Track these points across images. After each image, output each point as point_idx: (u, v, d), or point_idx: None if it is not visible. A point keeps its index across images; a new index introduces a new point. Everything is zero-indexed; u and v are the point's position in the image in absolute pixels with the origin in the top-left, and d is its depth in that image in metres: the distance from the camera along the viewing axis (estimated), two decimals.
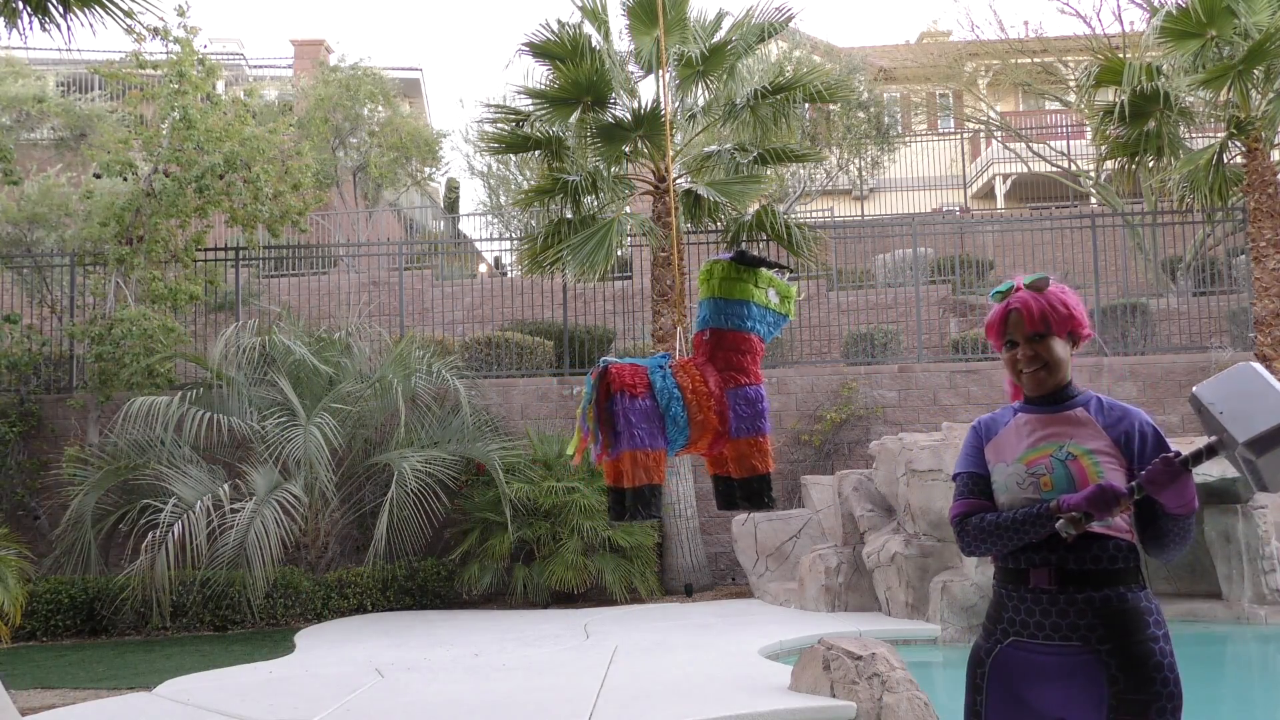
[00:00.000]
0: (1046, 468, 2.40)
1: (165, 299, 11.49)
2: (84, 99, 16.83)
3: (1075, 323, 2.47)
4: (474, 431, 10.88)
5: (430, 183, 22.45)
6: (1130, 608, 2.32)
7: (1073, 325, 2.46)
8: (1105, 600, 2.32)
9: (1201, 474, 8.18)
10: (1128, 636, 2.30)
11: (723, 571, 11.33)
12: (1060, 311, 2.44)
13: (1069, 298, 2.48)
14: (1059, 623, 2.35)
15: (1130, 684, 2.27)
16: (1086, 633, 2.32)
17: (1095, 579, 2.34)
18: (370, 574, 9.87)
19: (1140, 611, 2.32)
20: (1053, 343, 2.45)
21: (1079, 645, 2.33)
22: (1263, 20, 10.30)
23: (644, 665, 6.71)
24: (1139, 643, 2.29)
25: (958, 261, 15.24)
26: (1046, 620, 2.37)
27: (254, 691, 6.32)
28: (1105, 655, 2.30)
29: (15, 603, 7.32)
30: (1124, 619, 2.31)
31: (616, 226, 10.48)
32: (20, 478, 11.35)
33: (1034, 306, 2.45)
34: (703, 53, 10.69)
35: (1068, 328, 2.46)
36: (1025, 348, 2.47)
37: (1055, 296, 2.46)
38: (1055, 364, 2.45)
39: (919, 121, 24.04)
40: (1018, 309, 2.47)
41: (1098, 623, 2.32)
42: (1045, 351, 2.45)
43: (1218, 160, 11.11)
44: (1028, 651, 2.39)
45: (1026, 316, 2.45)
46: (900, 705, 5.10)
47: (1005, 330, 2.50)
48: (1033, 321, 2.44)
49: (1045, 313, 2.44)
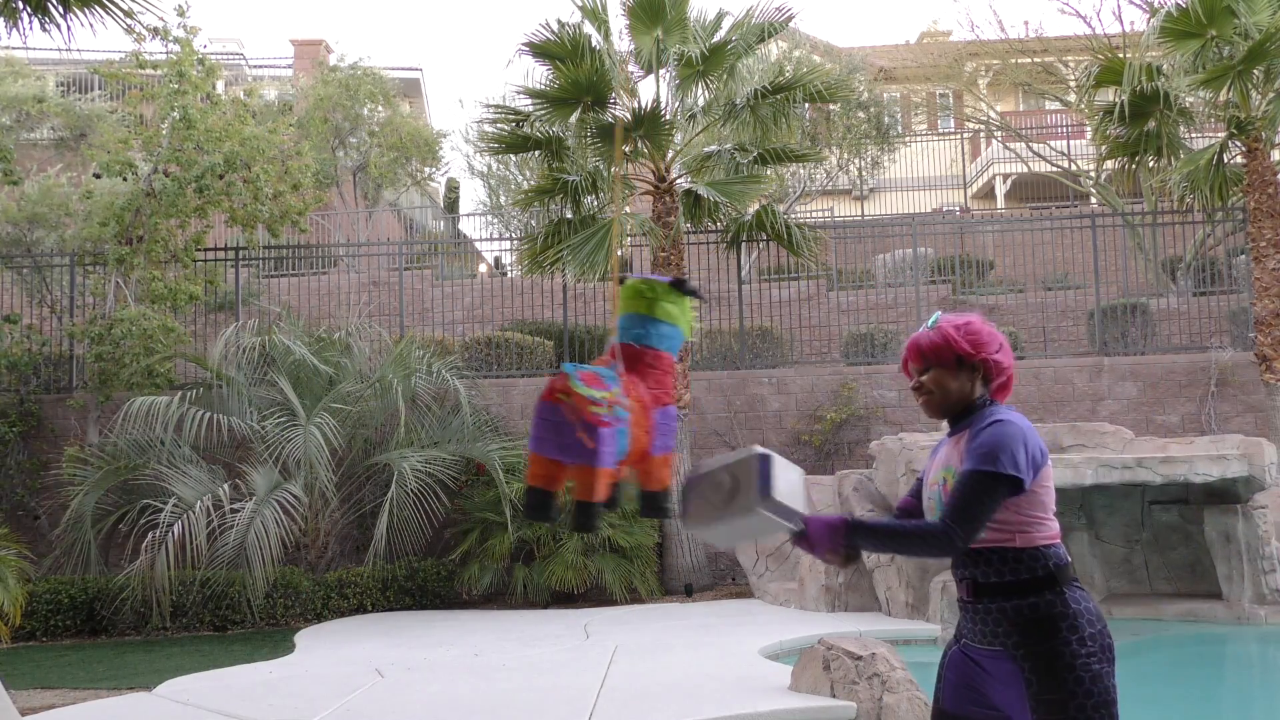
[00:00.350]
0: (935, 494, 2.59)
1: (165, 299, 11.49)
2: (84, 99, 16.83)
3: (954, 349, 2.59)
4: (474, 431, 10.87)
5: (430, 183, 22.45)
6: (1043, 614, 2.44)
7: (955, 352, 2.59)
8: (1017, 609, 2.46)
9: (1202, 474, 8.19)
10: (1039, 641, 2.43)
11: (723, 571, 11.33)
12: (935, 343, 2.61)
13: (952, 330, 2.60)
14: (982, 630, 2.53)
15: (1042, 685, 2.40)
16: (1004, 639, 2.48)
17: (1005, 589, 2.49)
18: (370, 574, 9.87)
19: (1054, 617, 2.44)
20: (936, 373, 2.62)
21: (1000, 650, 2.49)
22: (1263, 20, 10.30)
23: (644, 665, 6.71)
24: (1050, 646, 2.42)
25: (958, 261, 15.24)
26: (975, 627, 2.56)
27: (254, 691, 6.32)
28: (1020, 659, 2.45)
29: (15, 603, 7.32)
30: (1035, 625, 2.44)
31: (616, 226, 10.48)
32: (20, 478, 11.35)
33: (914, 342, 2.66)
34: (703, 53, 10.69)
35: (947, 356, 2.60)
36: (914, 380, 2.68)
37: (939, 330, 2.62)
38: (940, 391, 2.62)
39: (919, 121, 24.03)
40: (907, 350, 2.69)
41: (1011, 629, 2.47)
42: (930, 381, 2.64)
43: (1218, 160, 11.11)
44: (972, 654, 2.58)
45: (910, 352, 2.67)
46: (900, 705, 5.10)
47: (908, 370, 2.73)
48: (913, 355, 2.66)
49: (921, 346, 2.63)
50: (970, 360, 2.60)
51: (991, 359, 2.61)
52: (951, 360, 2.60)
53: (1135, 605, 8.76)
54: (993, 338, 2.63)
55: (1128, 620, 8.50)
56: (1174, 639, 8.02)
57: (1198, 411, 11.55)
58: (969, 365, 2.61)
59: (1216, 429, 11.28)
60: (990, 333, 2.64)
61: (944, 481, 2.55)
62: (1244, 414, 11.45)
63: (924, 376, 2.65)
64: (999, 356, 2.62)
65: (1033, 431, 2.52)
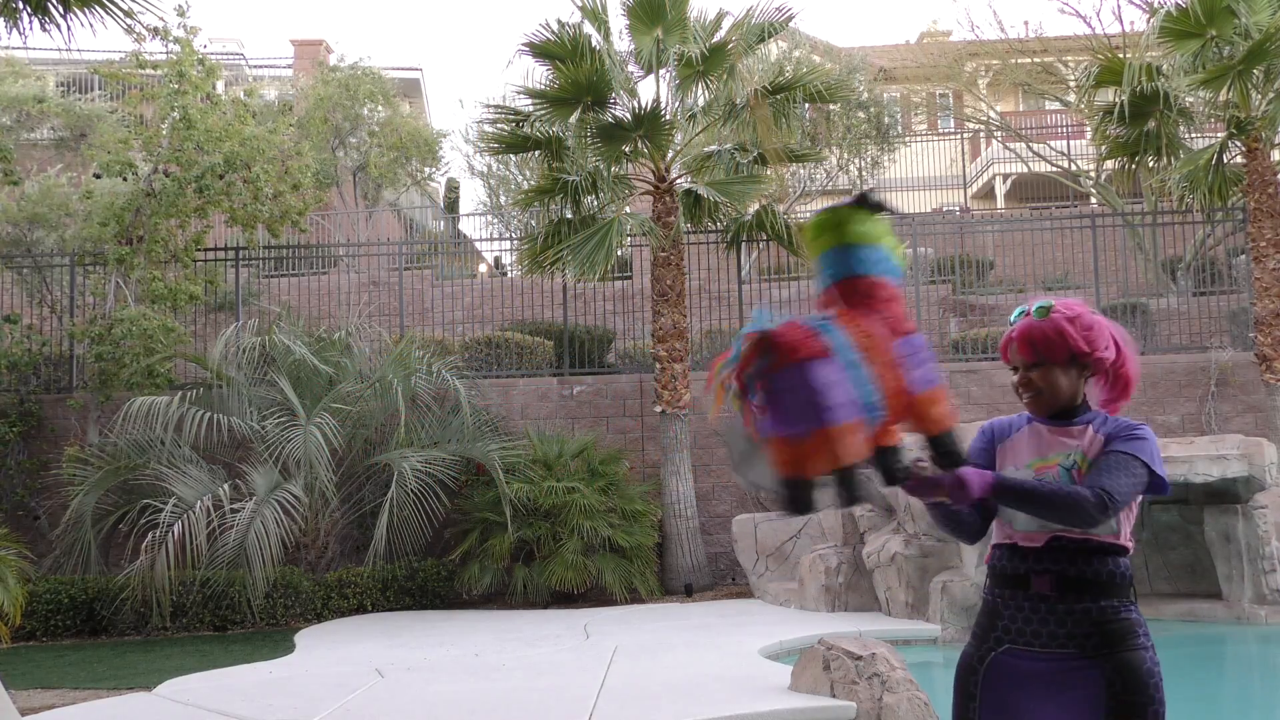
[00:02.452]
0: (1053, 478, 2.46)
1: (165, 299, 11.49)
2: (84, 99, 16.82)
3: (1071, 350, 2.47)
4: (474, 431, 10.87)
5: (430, 183, 22.44)
6: (1124, 619, 2.40)
7: (1069, 352, 2.47)
8: (1101, 611, 2.40)
9: (1202, 474, 8.18)
10: (1124, 646, 2.38)
11: (723, 571, 11.33)
12: (1052, 340, 2.47)
13: (1069, 326, 2.47)
14: (1056, 631, 2.41)
15: (1126, 688, 2.35)
16: (1083, 640, 2.39)
17: (1093, 589, 2.41)
18: (370, 574, 9.87)
19: (1133, 623, 2.41)
20: (1048, 370, 2.49)
21: (1075, 652, 2.40)
22: (1263, 20, 10.30)
23: (644, 665, 6.71)
24: (1132, 650, 2.38)
25: (958, 261, 15.24)
26: (1044, 628, 2.43)
27: (254, 691, 6.32)
28: (1103, 662, 2.38)
29: (15, 603, 7.32)
30: (1119, 629, 2.39)
31: (616, 226, 10.49)
32: (20, 478, 11.35)
33: (1029, 336, 2.49)
34: (703, 53, 10.69)
35: (1062, 355, 2.48)
36: (1022, 374, 2.54)
37: (1053, 324, 2.48)
38: (1050, 390, 2.50)
39: (919, 121, 24.02)
40: (1015, 339, 2.53)
41: (1094, 631, 2.39)
42: (1040, 378, 2.50)
43: (1218, 160, 11.11)
44: (1021, 659, 2.45)
45: (1021, 345, 2.51)
46: (900, 705, 5.10)
47: (1009, 357, 2.58)
48: (1026, 351, 2.50)
49: (1036, 343, 2.48)
50: (1084, 358, 2.49)
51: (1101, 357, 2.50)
52: (1065, 356, 2.48)
53: None
54: (1104, 333, 2.51)
55: None
56: (1174, 639, 8.01)
57: (1198, 411, 11.55)
58: (1080, 363, 2.50)
59: (1216, 429, 11.28)
60: (1102, 327, 2.51)
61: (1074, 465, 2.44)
62: (1244, 414, 11.45)
63: (1032, 372, 2.51)
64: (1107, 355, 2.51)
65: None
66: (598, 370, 12.59)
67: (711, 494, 11.65)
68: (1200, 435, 10.42)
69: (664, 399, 10.86)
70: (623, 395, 11.96)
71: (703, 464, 11.62)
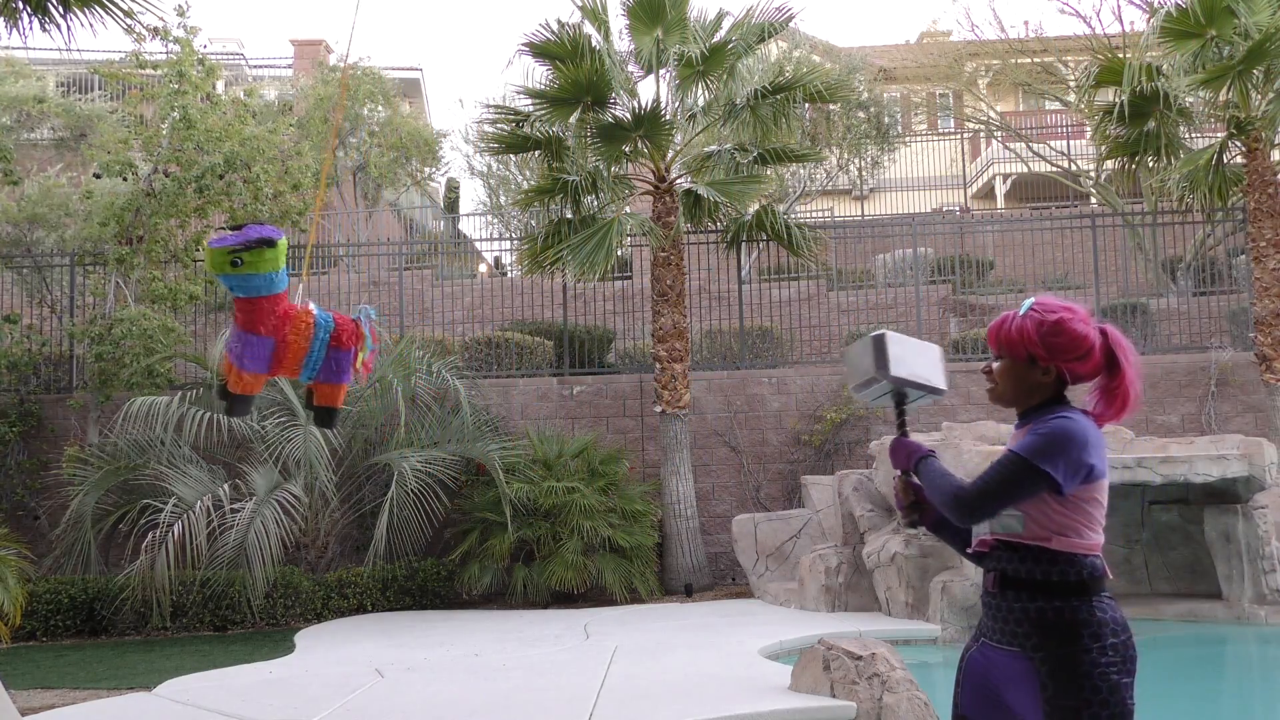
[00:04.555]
0: None
1: (165, 299, 11.49)
2: (84, 99, 16.81)
3: (1025, 347, 2.49)
4: (474, 431, 10.87)
5: (430, 183, 22.44)
6: (1066, 619, 2.38)
7: (1026, 349, 2.49)
8: (1040, 611, 2.40)
9: (1202, 474, 8.19)
10: (1059, 645, 2.37)
11: (723, 571, 11.33)
12: (1012, 338, 2.51)
13: (1031, 328, 2.48)
14: (1002, 628, 2.48)
15: (1058, 690, 2.35)
16: (1023, 639, 2.42)
17: (1031, 587, 2.42)
18: (370, 574, 9.87)
19: (1078, 623, 2.37)
20: (1006, 364, 2.55)
21: (1018, 650, 2.43)
22: (1263, 20, 10.30)
23: (644, 665, 6.71)
24: (1070, 651, 2.36)
25: (958, 261, 15.24)
26: (995, 625, 2.50)
27: (254, 691, 6.32)
28: (1038, 662, 2.39)
29: (15, 603, 7.32)
30: (1057, 629, 2.38)
31: (616, 226, 10.49)
32: (20, 478, 11.35)
33: (997, 328, 2.56)
34: (703, 53, 10.69)
35: (1020, 353, 2.51)
36: (987, 364, 2.62)
37: (1018, 323, 2.51)
38: (1004, 384, 2.55)
39: (919, 121, 24.02)
40: (990, 327, 2.59)
41: (1032, 630, 2.41)
42: (997, 372, 2.57)
43: (1218, 160, 11.11)
44: (989, 652, 2.52)
45: (989, 335, 2.60)
46: (900, 705, 5.10)
47: None
48: (990, 341, 2.59)
49: (1000, 336, 2.54)
50: (1043, 363, 2.49)
51: (1067, 367, 2.48)
52: (1024, 356, 2.50)
53: (1135, 605, 8.76)
54: (1078, 344, 2.46)
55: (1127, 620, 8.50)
56: (1174, 639, 8.02)
57: (1198, 411, 11.55)
58: (1041, 366, 2.50)
59: (1216, 429, 11.28)
60: (1078, 337, 2.46)
61: None
62: (1244, 414, 11.45)
63: (996, 363, 2.57)
64: (1077, 365, 2.48)
65: (1099, 443, 2.41)
66: (598, 370, 12.60)
67: (711, 494, 11.65)
68: (1200, 435, 10.42)
69: (664, 399, 10.86)
70: (623, 395, 11.96)
71: (703, 464, 11.63)
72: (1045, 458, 2.35)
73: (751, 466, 11.72)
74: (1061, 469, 2.35)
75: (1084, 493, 2.40)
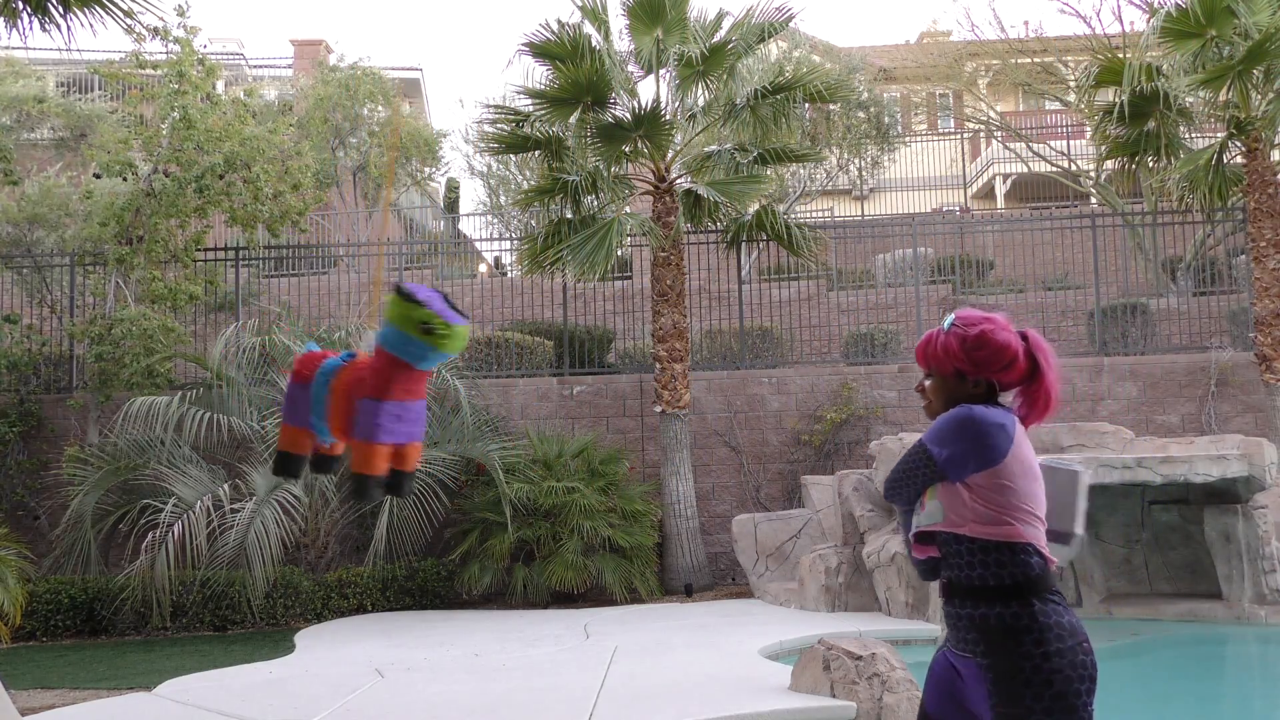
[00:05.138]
0: None
1: (165, 299, 11.49)
2: (84, 99, 16.81)
3: (952, 363, 2.53)
4: (474, 431, 10.87)
5: (430, 183, 22.44)
6: (1008, 625, 2.38)
7: (954, 364, 2.53)
8: (984, 618, 2.43)
9: (1202, 474, 8.18)
10: (1001, 653, 2.38)
11: (723, 571, 11.33)
12: (939, 355, 2.56)
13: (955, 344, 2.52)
14: (956, 636, 2.53)
15: (1001, 698, 2.36)
16: (972, 646, 2.47)
17: (974, 595, 2.45)
18: (370, 574, 9.87)
19: (1019, 630, 2.37)
20: (936, 381, 2.59)
21: (970, 656, 2.48)
22: (1263, 20, 10.30)
23: (644, 665, 6.71)
24: (1011, 660, 2.36)
25: (958, 261, 15.23)
26: (952, 632, 2.57)
27: (254, 691, 6.32)
28: (985, 669, 2.42)
29: (15, 603, 7.32)
30: (1000, 635, 2.39)
31: (616, 226, 10.49)
32: (20, 478, 11.35)
33: (924, 346, 2.60)
34: (703, 53, 10.69)
35: (947, 368, 2.55)
36: (919, 382, 2.68)
37: (944, 340, 2.55)
38: (937, 400, 2.60)
39: (919, 121, 24.02)
40: (918, 345, 2.65)
41: (979, 638, 2.44)
42: (930, 389, 2.62)
43: (1218, 160, 11.11)
44: (954, 659, 2.57)
45: (918, 354, 2.64)
46: (900, 705, 5.10)
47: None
48: (919, 359, 2.64)
49: (928, 354, 2.59)
50: (971, 376, 2.53)
51: (994, 377, 2.51)
52: (950, 372, 2.54)
53: (1135, 605, 8.76)
54: (1001, 354, 2.49)
55: (1128, 620, 8.51)
56: (1174, 639, 8.02)
57: (1198, 411, 11.55)
58: (970, 380, 2.53)
59: (1216, 429, 11.28)
60: (1000, 348, 2.49)
61: None
62: (1244, 414, 11.45)
63: (927, 380, 2.62)
64: (1004, 376, 2.51)
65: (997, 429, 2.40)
66: (598, 370, 12.59)
67: (711, 494, 11.65)
68: (1200, 435, 10.43)
69: (664, 399, 10.86)
70: (623, 395, 11.96)
71: (703, 464, 11.63)
72: (936, 442, 2.43)
73: (751, 466, 11.72)
74: (948, 453, 2.41)
75: (988, 479, 2.41)
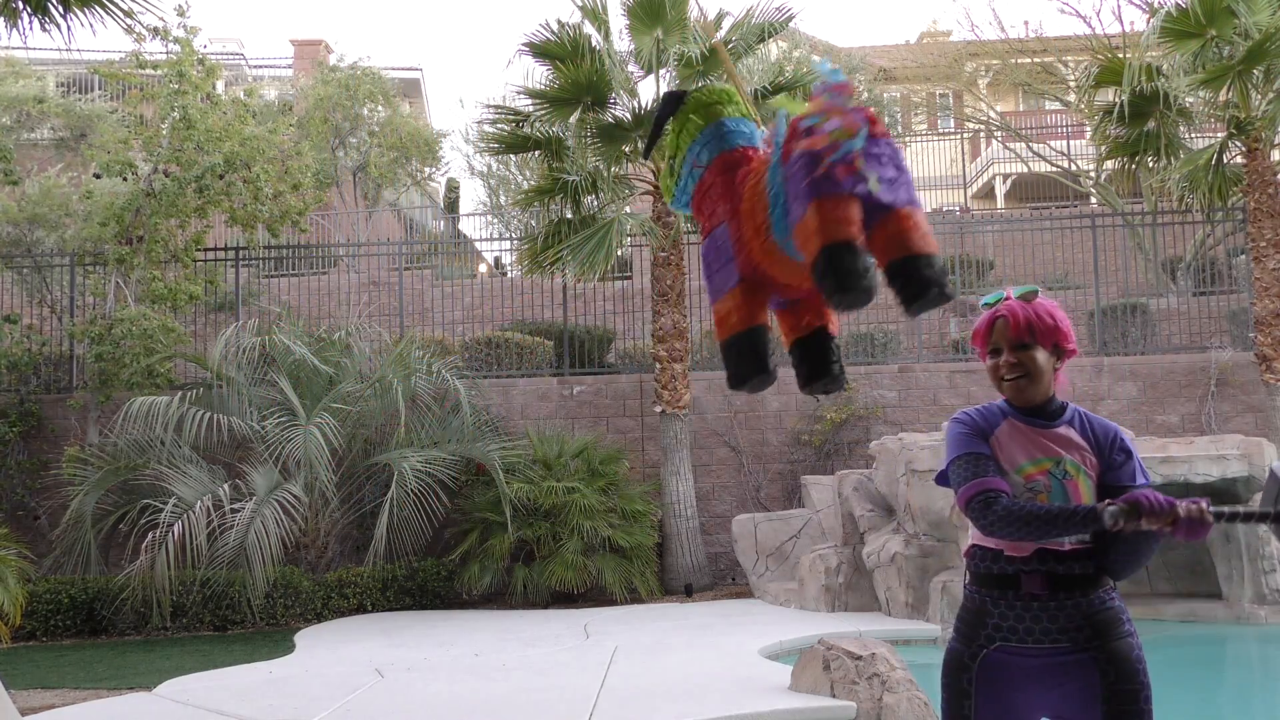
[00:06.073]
0: (1044, 485, 2.45)
1: (165, 299, 11.49)
2: (84, 99, 16.81)
3: (1060, 335, 2.50)
4: (474, 431, 10.87)
5: (430, 183, 22.44)
6: (1110, 608, 2.47)
7: (1057, 338, 2.49)
8: (1090, 604, 2.45)
9: (1202, 474, 8.19)
10: (1114, 635, 2.44)
11: (723, 571, 11.33)
12: (1045, 322, 2.46)
13: (1056, 311, 2.51)
14: (1049, 627, 2.44)
15: (1119, 677, 2.41)
16: (1075, 634, 2.44)
17: (1080, 584, 2.45)
18: (370, 574, 9.87)
19: (1117, 611, 2.48)
20: (1036, 353, 2.46)
21: (1068, 646, 2.44)
22: (1263, 20, 10.29)
23: (644, 665, 6.71)
24: (1120, 639, 2.44)
25: (958, 261, 15.22)
26: (1036, 625, 2.45)
27: (254, 691, 6.32)
28: (1095, 653, 2.43)
29: (15, 603, 7.32)
30: (1106, 619, 2.45)
31: (616, 226, 10.49)
32: (20, 478, 11.35)
33: (1020, 315, 2.46)
34: (702, 53, 10.68)
35: (1052, 339, 2.48)
36: (1009, 355, 2.48)
37: (1042, 307, 2.49)
38: (1037, 374, 2.47)
39: (919, 121, 24.03)
40: (1004, 316, 2.48)
41: (1084, 624, 2.44)
42: (1028, 361, 2.46)
43: (1218, 160, 11.11)
44: (1015, 655, 2.46)
45: (1013, 324, 2.46)
46: (900, 705, 5.10)
47: (990, 338, 2.52)
48: (1018, 330, 2.46)
49: (1031, 322, 2.45)
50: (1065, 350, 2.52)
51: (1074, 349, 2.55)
52: (1051, 342, 2.48)
53: (1135, 605, 8.74)
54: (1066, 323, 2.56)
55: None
56: (1174, 639, 8.02)
57: (1198, 411, 11.55)
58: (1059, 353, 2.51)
59: (1216, 429, 11.28)
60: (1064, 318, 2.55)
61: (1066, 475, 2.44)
62: (1244, 414, 11.45)
63: (1021, 354, 2.46)
64: (1074, 348, 2.57)
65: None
66: (598, 370, 12.59)
67: (711, 494, 11.65)
68: (1200, 435, 10.42)
69: (664, 399, 10.86)
70: (623, 395, 11.96)
71: (703, 464, 11.63)
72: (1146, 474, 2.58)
73: (751, 466, 11.72)
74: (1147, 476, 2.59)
75: None
